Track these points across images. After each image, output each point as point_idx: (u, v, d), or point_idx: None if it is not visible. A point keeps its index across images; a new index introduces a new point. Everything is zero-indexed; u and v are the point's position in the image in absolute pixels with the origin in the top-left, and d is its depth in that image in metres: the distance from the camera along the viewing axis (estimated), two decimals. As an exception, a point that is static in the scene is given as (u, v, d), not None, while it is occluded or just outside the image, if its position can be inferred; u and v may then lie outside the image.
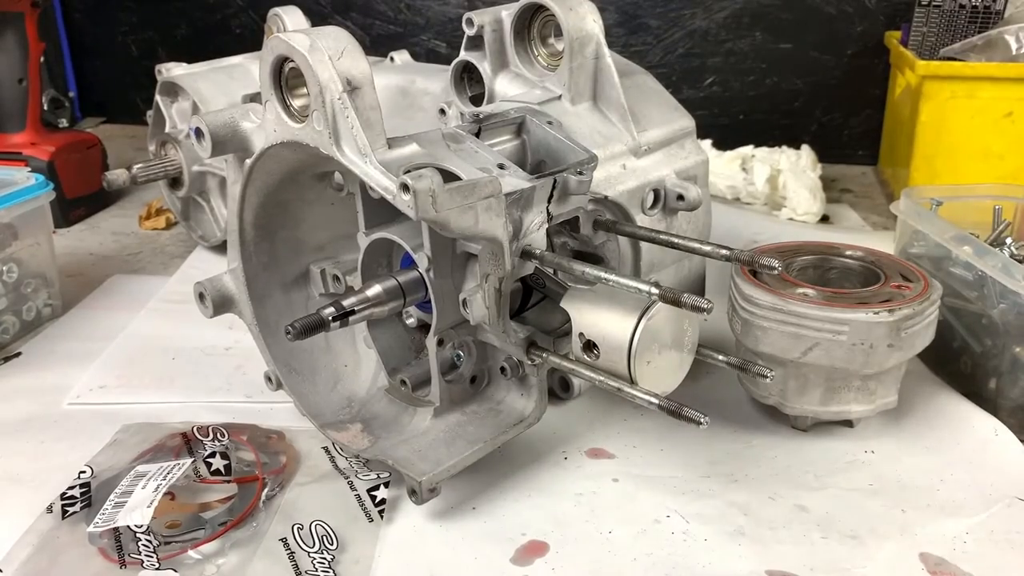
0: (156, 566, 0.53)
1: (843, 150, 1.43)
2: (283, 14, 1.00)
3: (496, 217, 0.53)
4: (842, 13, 1.39)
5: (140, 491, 0.58)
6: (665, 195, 0.70)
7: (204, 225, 1.07)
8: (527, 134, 0.65)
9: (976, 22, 1.11)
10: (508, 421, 0.61)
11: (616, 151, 0.68)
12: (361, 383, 0.68)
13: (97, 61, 1.66)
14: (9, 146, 1.12)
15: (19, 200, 0.83)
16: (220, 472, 0.61)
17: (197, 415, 0.70)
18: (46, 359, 0.81)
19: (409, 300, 0.59)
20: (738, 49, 1.44)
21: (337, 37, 0.52)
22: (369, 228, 0.61)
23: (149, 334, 0.86)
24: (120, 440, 0.67)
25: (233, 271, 0.64)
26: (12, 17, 1.09)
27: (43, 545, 0.55)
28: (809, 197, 1.16)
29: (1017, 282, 0.68)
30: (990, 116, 1.10)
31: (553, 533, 0.58)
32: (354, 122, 0.51)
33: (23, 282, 0.85)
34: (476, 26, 0.75)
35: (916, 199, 0.85)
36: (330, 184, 0.64)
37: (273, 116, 0.55)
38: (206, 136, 0.58)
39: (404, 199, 0.49)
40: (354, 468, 0.63)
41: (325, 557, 0.54)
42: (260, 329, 0.65)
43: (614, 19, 1.44)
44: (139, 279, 1.00)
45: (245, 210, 0.61)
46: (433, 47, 1.51)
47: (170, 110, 1.04)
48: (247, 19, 1.56)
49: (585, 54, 0.69)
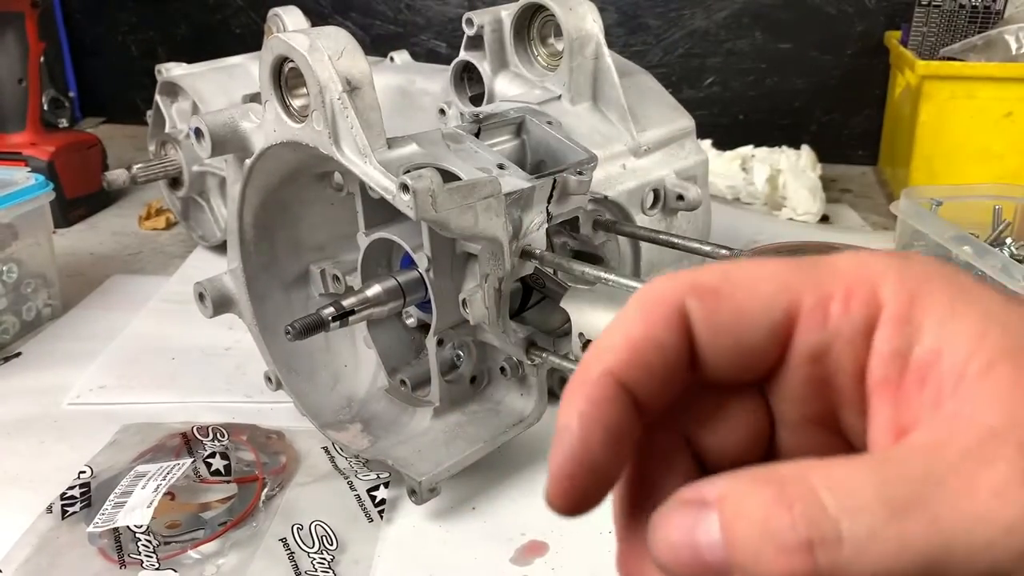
0: (156, 566, 0.53)
1: (843, 150, 1.43)
2: (283, 14, 1.00)
3: (496, 217, 0.53)
4: (842, 13, 1.38)
5: (140, 491, 0.58)
6: (665, 195, 0.70)
7: (204, 225, 1.07)
8: (527, 134, 0.65)
9: (976, 22, 1.11)
10: (508, 421, 0.61)
11: (616, 151, 0.68)
12: (361, 383, 0.68)
13: (97, 61, 1.66)
14: (9, 146, 1.12)
15: (19, 200, 0.82)
16: (220, 472, 0.61)
17: (197, 415, 0.70)
18: (46, 359, 0.81)
19: (409, 300, 0.59)
20: (738, 49, 1.43)
21: (337, 37, 0.52)
22: (369, 228, 0.61)
23: (149, 334, 0.86)
24: (120, 440, 0.67)
25: (233, 271, 0.64)
26: (12, 17, 1.09)
27: (43, 545, 0.55)
28: (809, 197, 1.16)
29: (1017, 282, 0.68)
30: (990, 116, 1.09)
31: (553, 533, 0.58)
32: (354, 122, 0.51)
33: (23, 282, 0.85)
34: (476, 26, 0.75)
35: (916, 199, 0.85)
36: (330, 184, 0.64)
37: (273, 116, 0.55)
38: (206, 136, 0.58)
39: (404, 199, 0.49)
40: (354, 468, 0.63)
41: (325, 557, 0.54)
42: (260, 329, 0.65)
43: (614, 19, 1.44)
44: (139, 279, 1.00)
45: (245, 210, 0.61)
46: (433, 47, 1.51)
47: (170, 110, 1.04)
48: (247, 19, 1.56)
49: (585, 54, 0.69)
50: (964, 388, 0.19)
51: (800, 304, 0.21)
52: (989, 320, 0.19)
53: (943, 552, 0.17)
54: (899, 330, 0.20)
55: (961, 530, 0.17)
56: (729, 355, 0.22)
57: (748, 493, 0.19)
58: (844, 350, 0.21)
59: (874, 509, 0.18)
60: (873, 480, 0.18)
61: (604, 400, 0.21)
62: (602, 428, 0.21)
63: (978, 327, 0.19)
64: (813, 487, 0.18)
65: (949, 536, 0.17)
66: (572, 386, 0.21)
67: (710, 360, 0.22)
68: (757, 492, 0.18)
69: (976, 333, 0.19)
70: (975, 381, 0.19)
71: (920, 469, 0.18)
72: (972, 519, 0.17)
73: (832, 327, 0.21)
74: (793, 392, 0.22)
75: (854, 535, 0.17)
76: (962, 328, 0.19)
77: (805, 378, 0.22)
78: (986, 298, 0.20)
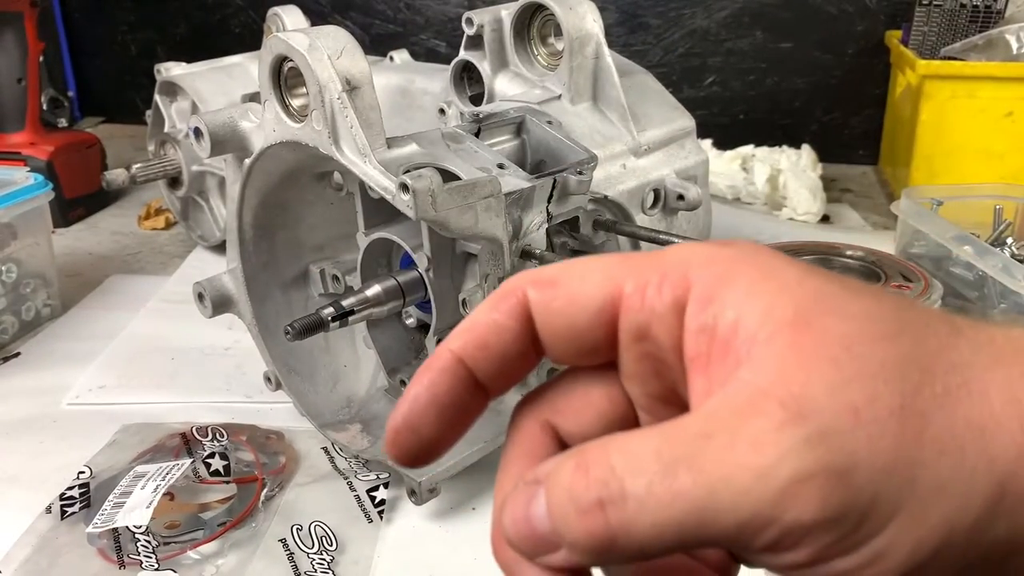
0: (155, 566, 0.53)
1: (843, 150, 1.43)
2: (282, 13, 1.00)
3: (496, 217, 0.52)
4: (842, 12, 1.38)
5: (139, 491, 0.58)
6: (665, 195, 0.70)
7: (203, 225, 1.07)
8: (527, 134, 0.65)
9: (977, 21, 1.11)
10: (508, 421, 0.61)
11: (616, 151, 0.68)
12: (360, 383, 0.68)
13: (96, 61, 1.66)
14: (8, 146, 1.12)
15: (18, 200, 0.82)
16: (219, 472, 0.61)
17: (196, 415, 0.70)
18: (45, 359, 0.81)
19: (409, 300, 0.59)
20: (738, 48, 1.43)
21: (336, 36, 0.51)
22: (368, 228, 0.60)
23: (148, 334, 0.85)
24: (119, 440, 0.67)
25: (232, 271, 0.64)
26: (11, 17, 1.08)
27: (42, 546, 0.55)
28: (809, 197, 1.15)
29: (1018, 282, 0.68)
30: (991, 116, 1.09)
31: (553, 534, 0.57)
32: (353, 122, 0.51)
33: (22, 282, 0.85)
34: (476, 25, 0.75)
35: (917, 199, 0.85)
36: (329, 184, 0.64)
37: (272, 116, 0.55)
38: (205, 136, 0.58)
39: (403, 199, 0.48)
40: (353, 468, 0.62)
41: (324, 558, 0.54)
42: (259, 329, 0.65)
43: (614, 18, 1.44)
44: (138, 279, 1.00)
45: (244, 210, 0.61)
46: (433, 46, 1.51)
47: (169, 110, 1.04)
48: (246, 18, 1.56)
49: (585, 54, 0.69)
50: (752, 355, 0.20)
51: (622, 289, 0.23)
52: (781, 294, 0.21)
53: (709, 501, 0.19)
54: (704, 308, 0.22)
55: (722, 479, 0.19)
56: (565, 337, 0.24)
57: (562, 465, 0.21)
58: (661, 328, 0.23)
59: (651, 467, 0.19)
60: (655, 442, 0.20)
61: (440, 372, 0.24)
62: (430, 395, 0.24)
63: (770, 301, 0.21)
64: (608, 453, 0.20)
65: (713, 486, 0.19)
66: (426, 362, 0.24)
67: (549, 342, 0.24)
68: (566, 463, 0.21)
69: (767, 305, 0.21)
70: (760, 348, 0.20)
71: (697, 429, 0.20)
72: (731, 468, 0.19)
73: (648, 307, 0.23)
74: (632, 372, 0.24)
75: (635, 492, 0.19)
76: (757, 303, 0.21)
77: (637, 356, 0.23)
78: (785, 275, 0.22)
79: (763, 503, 0.19)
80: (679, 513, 0.19)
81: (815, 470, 0.19)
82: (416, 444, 0.24)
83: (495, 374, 0.25)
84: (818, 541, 0.19)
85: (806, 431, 0.19)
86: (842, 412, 0.19)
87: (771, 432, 0.19)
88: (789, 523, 0.19)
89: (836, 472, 0.19)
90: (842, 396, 0.19)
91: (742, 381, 0.20)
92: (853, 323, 0.20)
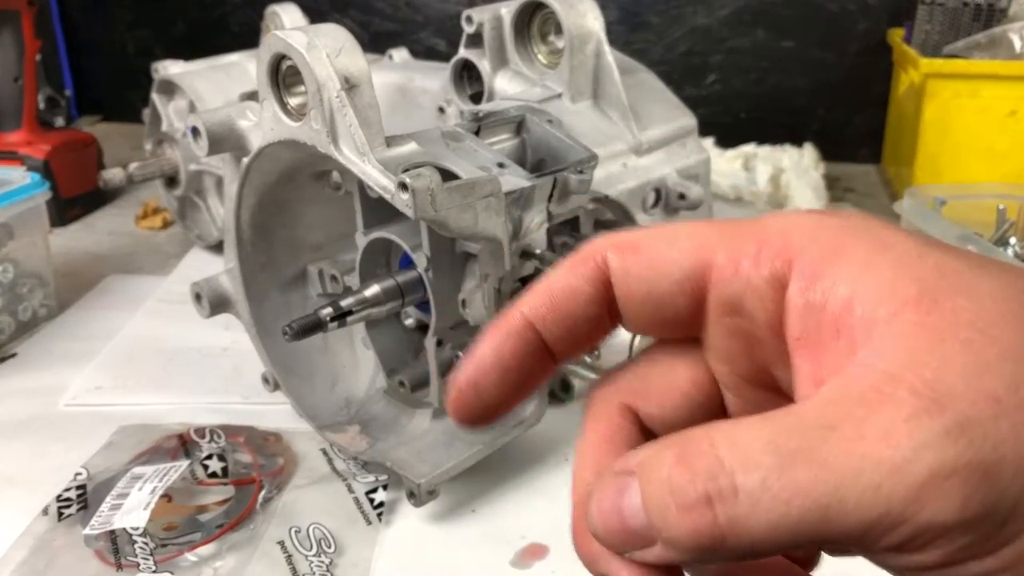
0: (153, 569, 0.52)
1: (846, 149, 1.42)
2: (281, 11, 1.00)
3: (496, 216, 0.52)
4: (844, 11, 1.38)
5: (136, 493, 0.58)
6: (666, 194, 0.70)
7: (201, 224, 1.06)
8: (527, 132, 0.65)
9: (980, 20, 1.11)
10: (508, 423, 0.61)
11: (617, 149, 0.68)
12: (359, 384, 0.67)
13: (94, 59, 1.65)
14: (5, 145, 1.11)
15: (15, 199, 0.82)
16: (217, 474, 0.61)
17: (194, 416, 0.69)
18: (42, 360, 0.81)
19: (408, 300, 0.58)
20: (740, 47, 1.43)
21: (335, 35, 0.51)
22: (367, 228, 0.60)
23: (146, 335, 0.85)
24: (116, 442, 0.66)
25: (230, 271, 0.64)
26: (8, 15, 1.08)
27: (39, 548, 0.55)
28: (812, 196, 1.15)
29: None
30: (994, 114, 1.09)
31: (553, 536, 0.57)
32: (352, 120, 0.50)
33: (19, 282, 0.84)
34: (475, 23, 0.74)
35: (919, 198, 0.85)
36: (328, 183, 0.63)
37: (270, 114, 0.55)
38: (203, 135, 0.57)
39: (402, 198, 0.48)
40: (352, 470, 0.62)
41: (323, 560, 0.54)
42: (257, 329, 0.64)
43: (615, 16, 1.43)
44: (135, 279, 0.99)
45: (242, 209, 0.61)
46: (432, 45, 1.51)
47: (167, 109, 1.03)
48: (244, 17, 1.56)
49: (585, 52, 0.69)
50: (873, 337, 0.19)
51: (713, 257, 0.21)
52: (901, 269, 0.19)
53: (834, 497, 0.17)
54: (811, 284, 0.20)
55: (849, 474, 0.17)
56: (644, 304, 0.22)
57: (657, 456, 0.19)
58: (756, 303, 0.21)
59: (765, 460, 0.18)
60: (767, 433, 0.18)
61: (508, 334, 0.23)
62: (496, 356, 0.23)
63: (889, 276, 0.19)
64: (714, 444, 0.19)
65: (839, 481, 0.17)
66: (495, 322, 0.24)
67: (628, 309, 0.23)
68: (664, 453, 0.19)
69: (887, 282, 0.19)
70: (882, 329, 0.19)
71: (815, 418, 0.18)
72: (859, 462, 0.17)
73: (742, 278, 0.21)
74: (721, 349, 0.23)
75: (747, 487, 0.18)
76: (874, 279, 0.19)
77: (727, 332, 0.22)
78: (903, 248, 0.20)
79: (896, 501, 0.17)
80: (798, 511, 0.17)
81: (956, 465, 0.17)
82: (478, 405, 0.24)
83: (565, 340, 0.23)
84: (953, 543, 0.17)
85: (944, 421, 0.17)
86: (981, 400, 0.17)
87: (903, 422, 0.17)
88: (923, 523, 0.17)
89: (980, 467, 0.17)
90: (980, 382, 0.17)
91: (864, 365, 0.19)
92: (985, 302, 0.19)
